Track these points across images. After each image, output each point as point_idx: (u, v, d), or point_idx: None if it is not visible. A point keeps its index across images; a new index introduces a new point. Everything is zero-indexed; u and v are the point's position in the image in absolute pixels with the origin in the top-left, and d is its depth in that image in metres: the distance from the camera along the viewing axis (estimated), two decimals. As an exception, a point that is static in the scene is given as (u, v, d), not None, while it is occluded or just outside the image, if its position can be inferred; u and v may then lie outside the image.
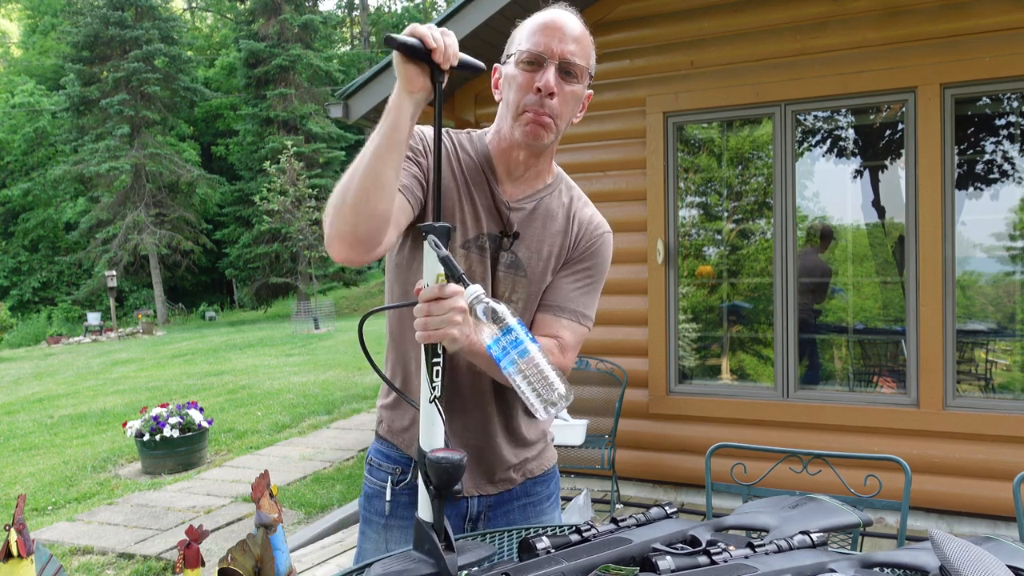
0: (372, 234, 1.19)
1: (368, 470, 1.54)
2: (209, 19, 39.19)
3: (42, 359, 15.65)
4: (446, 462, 1.01)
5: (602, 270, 1.48)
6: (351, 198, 1.16)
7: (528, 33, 1.31)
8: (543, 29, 1.30)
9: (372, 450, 1.55)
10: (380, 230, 1.19)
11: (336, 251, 1.21)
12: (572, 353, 1.41)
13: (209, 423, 6.03)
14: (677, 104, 4.27)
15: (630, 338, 4.44)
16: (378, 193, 1.16)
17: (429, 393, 1.10)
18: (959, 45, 3.67)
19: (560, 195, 1.45)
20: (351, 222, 1.17)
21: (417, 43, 1.11)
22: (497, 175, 1.39)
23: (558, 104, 1.30)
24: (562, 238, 1.42)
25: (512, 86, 1.32)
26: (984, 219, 3.86)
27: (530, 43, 1.30)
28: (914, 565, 0.94)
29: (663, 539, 1.02)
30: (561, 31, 1.29)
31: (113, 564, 4.02)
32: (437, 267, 1.09)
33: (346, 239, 1.19)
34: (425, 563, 1.04)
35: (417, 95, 1.15)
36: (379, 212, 1.17)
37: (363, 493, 1.56)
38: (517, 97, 1.30)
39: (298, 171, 20.04)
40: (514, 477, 1.49)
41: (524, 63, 1.29)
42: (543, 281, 1.41)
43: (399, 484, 1.46)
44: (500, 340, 0.99)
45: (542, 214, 1.41)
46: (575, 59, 1.29)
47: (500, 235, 1.37)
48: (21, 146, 28.27)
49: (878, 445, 3.80)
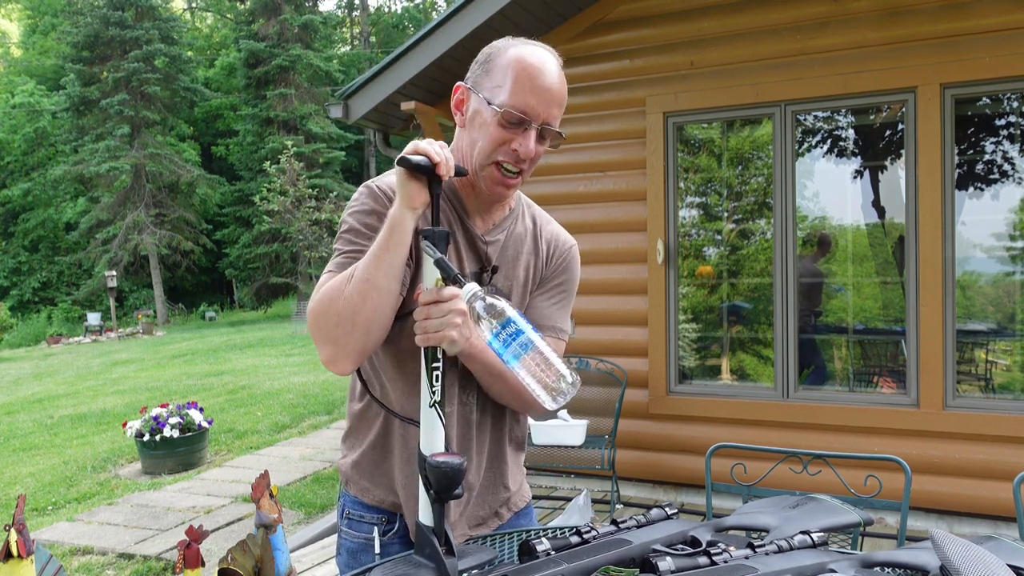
0: (378, 344, 1.20)
1: (346, 524, 1.41)
2: (209, 19, 39.18)
3: (42, 359, 15.65)
4: (446, 466, 1.01)
5: (574, 283, 1.47)
6: (363, 320, 1.15)
7: (514, 79, 1.23)
8: (534, 89, 1.23)
9: (348, 503, 1.41)
10: (383, 339, 1.21)
11: (342, 368, 1.21)
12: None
13: (209, 423, 6.03)
14: (677, 104, 4.27)
15: (630, 338, 4.44)
16: (389, 310, 1.17)
17: (429, 397, 1.10)
18: (959, 45, 3.67)
19: (523, 218, 1.43)
20: (362, 340, 1.17)
21: (426, 162, 1.11)
22: (468, 210, 1.35)
23: (528, 165, 1.28)
24: (534, 259, 1.41)
25: (485, 134, 1.25)
26: (984, 219, 3.86)
27: (516, 99, 1.22)
28: (914, 565, 0.94)
29: (663, 540, 1.02)
30: (549, 93, 1.24)
31: (113, 564, 4.01)
32: (435, 272, 1.09)
33: (354, 358, 1.20)
34: (426, 567, 1.04)
35: (419, 210, 1.15)
36: (388, 325, 1.19)
37: (343, 549, 1.42)
38: (488, 149, 1.25)
39: (298, 171, 20.03)
40: (503, 514, 1.44)
41: (506, 121, 1.23)
42: (522, 305, 1.40)
43: (387, 535, 1.36)
44: (500, 333, 0.97)
45: (513, 242, 1.39)
46: (554, 124, 1.27)
47: (480, 271, 1.35)
48: (21, 146, 28.26)
49: (878, 445, 3.80)
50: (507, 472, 1.43)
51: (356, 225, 1.27)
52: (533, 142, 1.24)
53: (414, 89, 4.49)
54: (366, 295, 1.13)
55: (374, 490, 1.37)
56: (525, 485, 1.52)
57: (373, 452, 1.37)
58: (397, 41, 33.42)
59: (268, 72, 27.09)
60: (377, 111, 4.64)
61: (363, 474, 1.38)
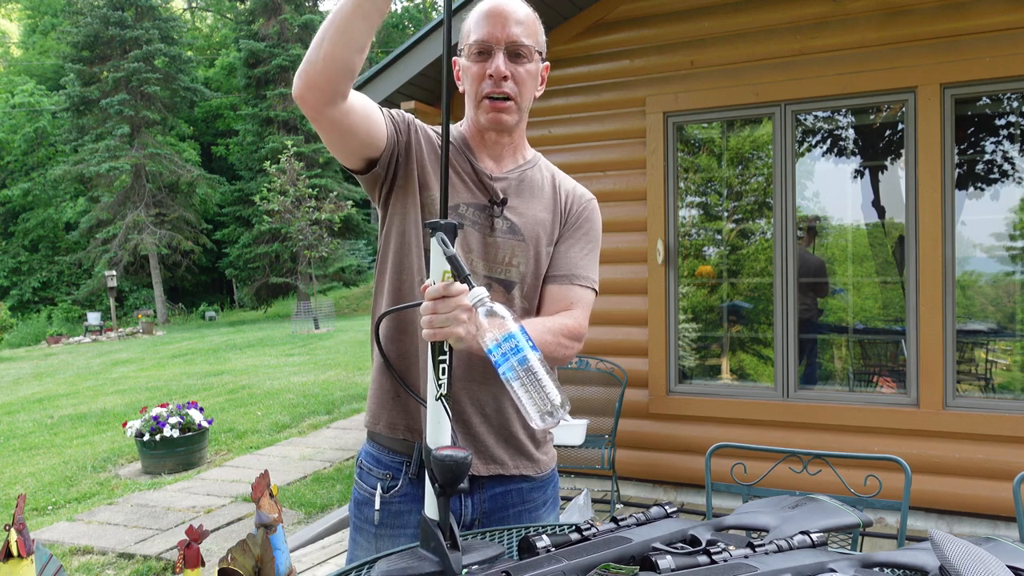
0: (332, 81, 1.21)
1: (358, 474, 1.50)
2: (209, 19, 39.19)
3: (42, 359, 15.65)
4: (451, 460, 1.01)
5: (598, 234, 1.53)
6: (319, 38, 1.19)
7: (474, 24, 1.37)
8: (487, 18, 1.35)
9: (363, 453, 1.50)
10: (341, 79, 1.21)
11: (303, 96, 1.22)
12: (586, 319, 1.46)
13: (209, 423, 6.03)
14: (677, 104, 4.27)
15: (630, 338, 4.44)
16: (343, 39, 1.18)
17: (435, 391, 1.10)
18: (959, 45, 3.67)
19: (542, 170, 1.52)
20: (313, 61, 1.19)
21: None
22: (476, 154, 1.44)
23: (514, 85, 1.37)
24: (552, 205, 1.48)
25: (468, 77, 1.39)
26: (984, 219, 3.86)
27: (477, 33, 1.35)
28: (914, 565, 0.94)
29: (663, 538, 1.02)
30: (504, 16, 1.34)
31: (113, 564, 4.01)
32: (443, 265, 1.09)
33: (318, 86, 1.21)
34: (429, 561, 1.04)
35: None
36: (346, 62, 1.19)
37: (353, 499, 1.51)
38: (474, 87, 1.38)
39: (298, 171, 20.05)
40: (506, 461, 1.44)
41: (474, 54, 1.36)
42: (540, 248, 1.44)
43: (389, 491, 1.43)
44: (501, 345, 0.98)
45: (528, 185, 1.47)
46: (522, 39, 1.35)
47: (489, 203, 1.41)
48: (21, 146, 28.27)
49: (878, 445, 3.80)
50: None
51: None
52: (502, 62, 1.34)
53: (414, 89, 4.50)
54: (330, 21, 1.18)
55: (398, 423, 1.42)
56: (551, 451, 1.55)
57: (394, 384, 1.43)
58: (397, 41, 33.41)
59: (268, 72, 27.10)
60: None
61: (384, 407, 1.44)
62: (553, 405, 0.96)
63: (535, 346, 1.01)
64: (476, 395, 1.41)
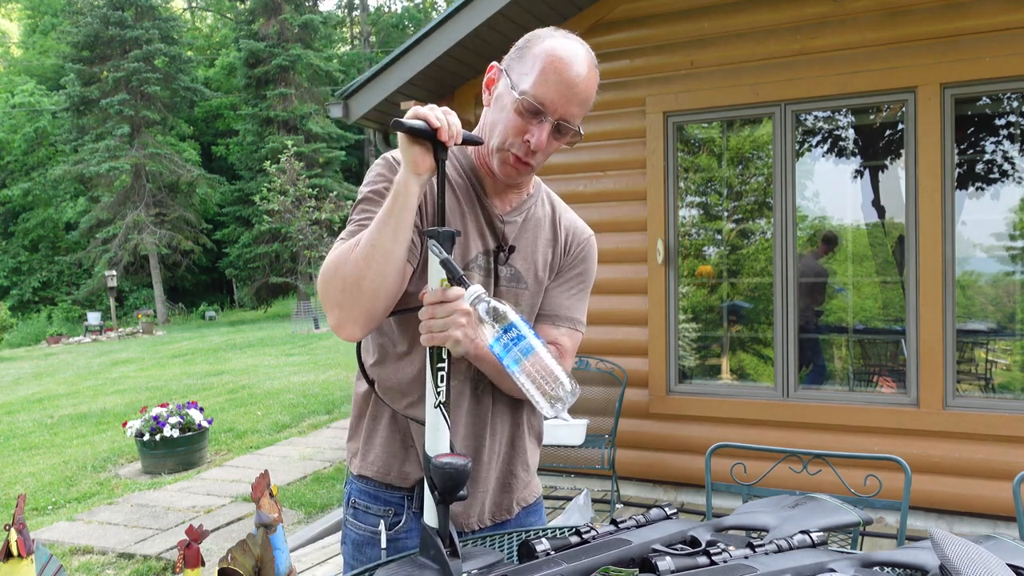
0: (386, 312, 1.21)
1: (352, 514, 1.40)
2: (209, 19, 39.18)
3: (42, 359, 15.65)
4: (451, 467, 1.00)
5: (591, 274, 1.48)
6: (368, 285, 1.15)
7: (540, 72, 1.22)
8: (556, 82, 1.22)
9: (354, 491, 1.40)
10: (391, 307, 1.21)
11: (349, 334, 1.21)
12: (570, 359, 1.43)
13: (209, 423, 6.03)
14: (677, 104, 4.27)
15: (630, 338, 4.44)
16: (395, 276, 1.17)
17: (434, 398, 1.10)
18: (959, 45, 3.67)
19: (543, 204, 1.44)
20: (369, 307, 1.17)
21: (423, 125, 1.10)
22: (486, 189, 1.36)
23: (542, 156, 1.29)
24: (552, 246, 1.42)
25: (502, 119, 1.27)
26: (984, 219, 3.86)
27: (537, 89, 1.22)
28: (914, 564, 0.94)
29: (663, 540, 1.02)
30: (572, 90, 1.22)
31: (113, 564, 4.01)
32: (440, 272, 1.09)
33: (360, 323, 1.20)
34: (430, 568, 1.04)
35: (423, 176, 1.14)
36: (395, 292, 1.19)
37: (348, 540, 1.41)
38: (503, 137, 1.26)
39: (298, 171, 20.04)
40: (512, 507, 1.44)
41: (524, 109, 1.23)
42: (540, 290, 1.41)
43: (393, 528, 1.35)
44: (501, 338, 0.98)
45: (532, 225, 1.40)
46: (574, 121, 1.26)
47: (497, 250, 1.35)
48: (21, 146, 28.26)
49: (878, 445, 3.80)
50: (528, 461, 1.45)
51: (369, 194, 1.29)
52: (547, 135, 1.24)
53: (414, 89, 4.49)
54: (370, 259, 1.14)
55: (394, 465, 1.36)
56: (536, 480, 1.53)
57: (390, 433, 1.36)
58: (397, 41, 33.41)
59: (268, 72, 27.10)
60: (377, 111, 4.64)
61: (381, 449, 1.37)
62: (564, 390, 0.95)
63: (538, 334, 1.00)
64: (491, 447, 1.39)
